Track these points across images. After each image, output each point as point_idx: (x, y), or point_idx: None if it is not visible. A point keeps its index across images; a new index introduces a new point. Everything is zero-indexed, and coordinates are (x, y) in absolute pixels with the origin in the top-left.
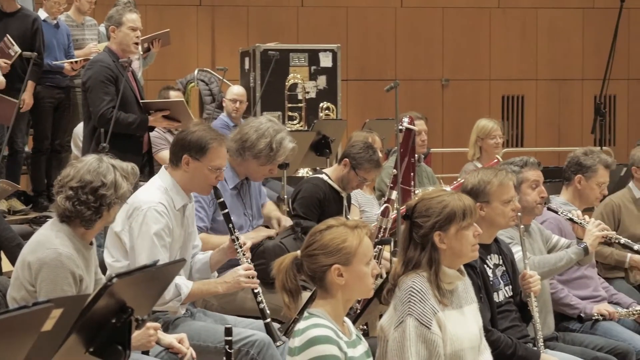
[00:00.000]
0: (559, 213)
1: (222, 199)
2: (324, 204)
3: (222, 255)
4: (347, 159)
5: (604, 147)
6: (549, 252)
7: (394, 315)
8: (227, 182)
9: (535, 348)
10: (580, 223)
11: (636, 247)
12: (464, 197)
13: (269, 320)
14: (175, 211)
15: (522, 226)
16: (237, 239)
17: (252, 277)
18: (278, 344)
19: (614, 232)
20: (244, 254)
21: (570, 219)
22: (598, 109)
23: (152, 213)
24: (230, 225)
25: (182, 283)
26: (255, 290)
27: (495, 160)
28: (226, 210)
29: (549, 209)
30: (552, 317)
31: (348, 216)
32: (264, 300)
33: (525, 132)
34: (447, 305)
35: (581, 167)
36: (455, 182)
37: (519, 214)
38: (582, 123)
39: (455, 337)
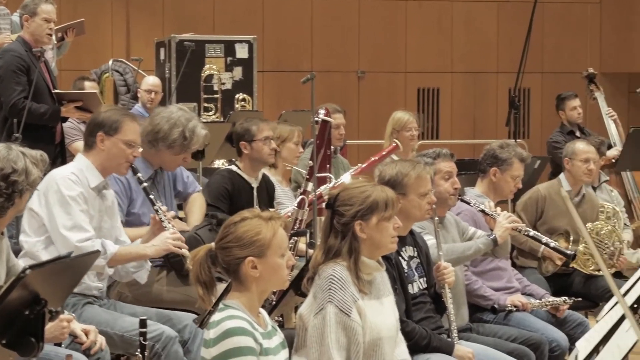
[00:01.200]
0: (472, 204)
1: (139, 173)
2: (233, 194)
3: (150, 235)
4: (243, 142)
5: (518, 140)
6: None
7: (314, 303)
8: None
9: (450, 339)
10: (492, 215)
11: (544, 239)
12: (386, 189)
13: (187, 266)
14: (89, 190)
15: (436, 218)
16: (160, 209)
17: (180, 242)
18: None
19: (524, 225)
20: (169, 222)
21: (482, 211)
22: (512, 102)
23: (65, 181)
24: (152, 196)
25: (109, 243)
26: (187, 255)
27: (394, 145)
28: (144, 184)
29: (462, 200)
30: (466, 309)
31: (256, 206)
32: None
33: (441, 124)
34: (367, 294)
35: (497, 160)
36: (356, 167)
37: (433, 205)
38: (496, 116)
39: (374, 325)
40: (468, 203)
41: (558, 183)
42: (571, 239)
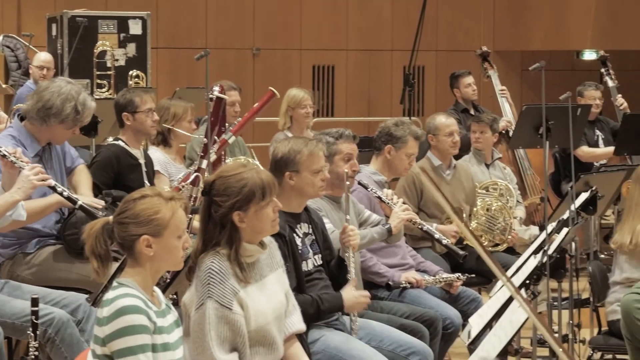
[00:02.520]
0: (369, 190)
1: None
2: (119, 169)
3: (6, 177)
4: (126, 114)
5: (412, 118)
6: (360, 225)
7: (195, 295)
8: (28, 149)
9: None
10: (388, 203)
11: (437, 235)
12: (262, 173)
13: (80, 202)
14: None
15: (347, 183)
16: (5, 151)
17: (41, 174)
18: None
19: (418, 217)
20: (19, 160)
21: (379, 198)
22: (407, 79)
23: None
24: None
25: None
26: (52, 184)
27: (270, 93)
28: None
29: (360, 184)
30: (360, 285)
31: (145, 181)
32: (65, 189)
33: (336, 102)
34: (249, 282)
35: (391, 137)
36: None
37: (347, 182)
38: (391, 93)
39: (260, 312)
40: (366, 187)
41: (427, 160)
42: (464, 216)
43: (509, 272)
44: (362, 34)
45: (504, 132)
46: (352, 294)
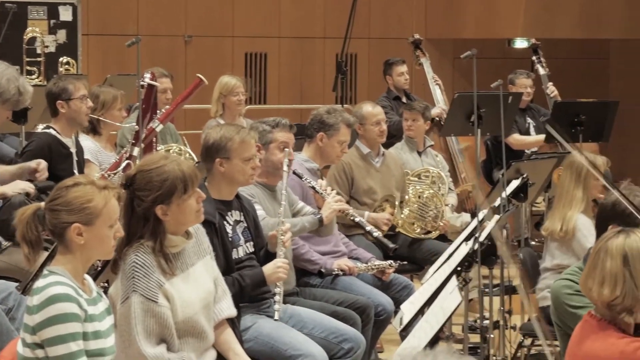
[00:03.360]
0: (303, 179)
1: None
2: (51, 159)
3: None
4: (60, 102)
5: (345, 105)
6: (293, 216)
7: (120, 288)
8: None
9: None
10: (321, 194)
11: (368, 227)
12: (183, 165)
13: None
14: None
15: (285, 171)
16: None
17: None
18: None
19: (351, 208)
20: None
21: (313, 188)
22: (339, 67)
23: None
24: None
25: None
26: None
27: (198, 80)
28: None
29: (294, 173)
30: (293, 273)
31: (75, 170)
32: None
33: (269, 89)
34: (174, 274)
35: (324, 125)
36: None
37: (285, 170)
38: (323, 81)
39: (186, 303)
40: (300, 177)
41: (356, 149)
42: (397, 203)
43: (441, 260)
44: (295, 22)
45: (437, 119)
46: (271, 264)
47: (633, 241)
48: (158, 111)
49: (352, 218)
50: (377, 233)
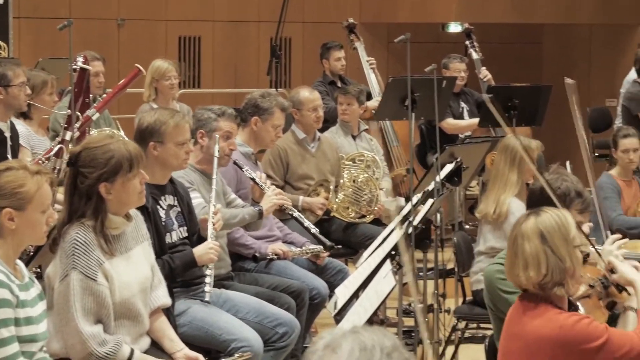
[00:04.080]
0: (244, 170)
1: None
2: None
3: None
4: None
5: (279, 89)
6: (226, 206)
7: (60, 267)
8: None
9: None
10: (261, 186)
11: (306, 223)
12: (129, 145)
13: None
14: None
15: (216, 154)
16: None
17: None
18: None
19: (290, 203)
20: None
21: (253, 179)
22: (274, 51)
23: None
24: None
25: None
26: None
27: (136, 70)
28: None
29: (235, 163)
30: (227, 257)
31: (8, 155)
32: None
33: (202, 73)
34: (114, 255)
35: (258, 109)
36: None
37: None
38: (258, 65)
39: (124, 284)
40: (241, 168)
41: (292, 134)
42: (331, 188)
43: (375, 244)
44: (229, 5)
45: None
46: (202, 245)
47: (545, 219)
48: (91, 95)
49: (290, 213)
50: (314, 230)
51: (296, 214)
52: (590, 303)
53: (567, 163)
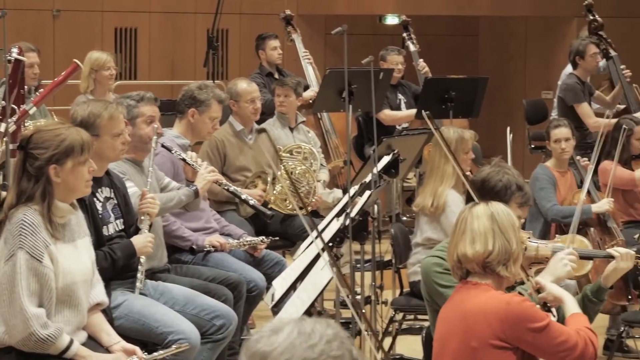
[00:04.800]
0: (173, 152)
1: None
2: None
3: None
4: None
5: (216, 81)
6: (161, 192)
7: (5, 248)
8: None
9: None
10: (193, 165)
11: (244, 196)
12: (81, 132)
13: None
14: None
15: (153, 146)
16: None
17: None
18: None
19: (224, 178)
20: None
21: (183, 160)
22: (211, 42)
23: None
24: None
25: None
26: None
27: (74, 65)
28: None
29: (163, 146)
30: (164, 249)
31: None
32: None
33: (139, 64)
34: (60, 239)
35: (195, 100)
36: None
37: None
38: (195, 57)
39: (68, 270)
40: (169, 150)
41: (229, 126)
42: (269, 180)
43: (312, 236)
44: None
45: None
46: (141, 237)
47: (495, 205)
48: (26, 87)
49: (226, 188)
50: (252, 201)
51: (232, 188)
52: None
53: (508, 130)
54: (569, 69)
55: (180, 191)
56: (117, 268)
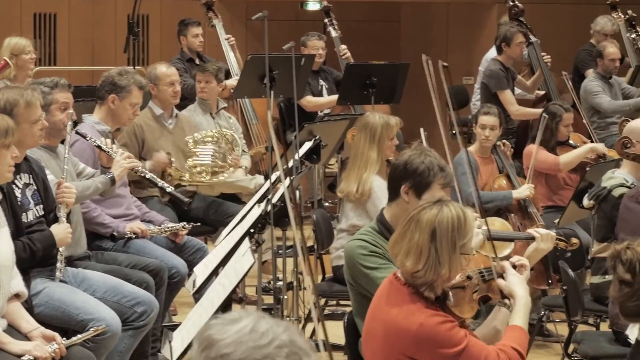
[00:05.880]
0: (87, 139)
1: None
2: None
3: None
4: None
5: (137, 67)
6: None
7: None
8: None
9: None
10: (109, 152)
11: (160, 183)
12: (5, 117)
13: None
14: None
15: (68, 132)
16: None
17: None
18: None
19: (141, 165)
20: None
21: (99, 147)
22: (131, 28)
23: None
24: None
25: None
26: None
27: (4, 62)
28: None
29: (78, 133)
30: (84, 237)
31: None
32: None
33: (59, 50)
34: None
35: (115, 86)
36: None
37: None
38: (115, 42)
39: None
40: (84, 137)
41: (149, 110)
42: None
43: (234, 222)
44: None
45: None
46: (60, 227)
47: (445, 216)
48: None
49: (142, 175)
50: (169, 188)
51: (148, 175)
52: (461, 294)
53: (422, 130)
54: (490, 54)
55: (96, 179)
56: (36, 259)
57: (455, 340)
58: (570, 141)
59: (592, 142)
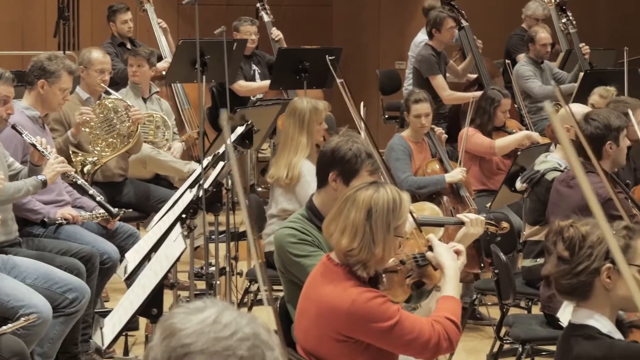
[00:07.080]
0: (23, 135)
1: None
2: None
3: None
4: None
5: (67, 52)
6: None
7: None
8: None
9: None
10: (42, 152)
11: (91, 191)
12: None
13: None
14: None
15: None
16: None
17: None
18: None
19: (73, 170)
20: None
21: (33, 145)
22: (61, 12)
23: None
24: None
25: None
26: None
27: None
28: None
29: (13, 128)
30: (14, 223)
31: None
32: None
33: None
34: None
35: (45, 71)
36: None
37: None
38: (45, 27)
39: None
40: (20, 133)
41: (76, 94)
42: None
43: (166, 207)
44: None
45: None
46: None
47: (381, 196)
48: None
49: (74, 180)
50: (99, 198)
51: (80, 181)
52: (394, 278)
53: (362, 105)
54: (419, 38)
55: (28, 181)
56: None
57: (388, 314)
58: (507, 128)
59: (526, 127)
